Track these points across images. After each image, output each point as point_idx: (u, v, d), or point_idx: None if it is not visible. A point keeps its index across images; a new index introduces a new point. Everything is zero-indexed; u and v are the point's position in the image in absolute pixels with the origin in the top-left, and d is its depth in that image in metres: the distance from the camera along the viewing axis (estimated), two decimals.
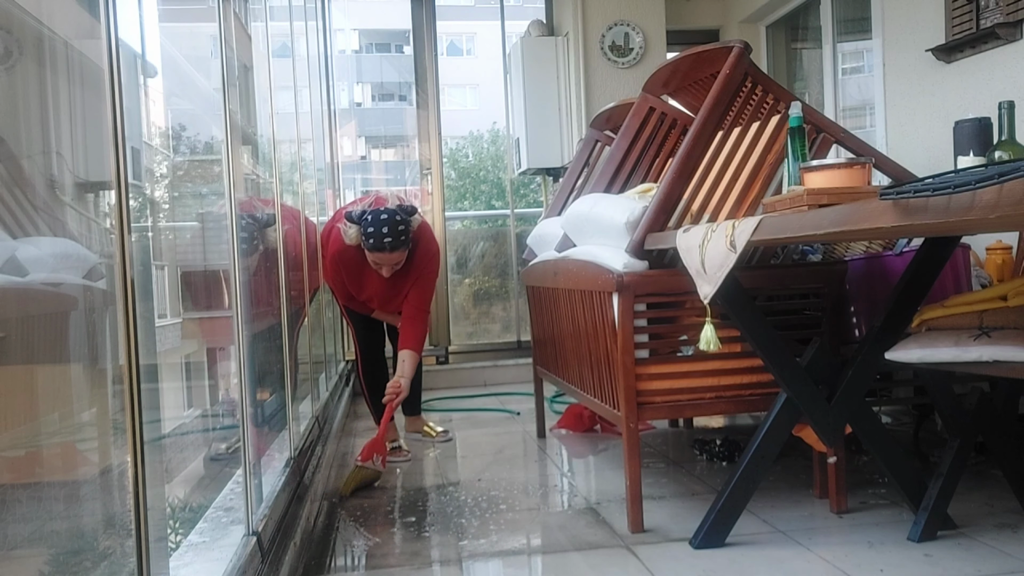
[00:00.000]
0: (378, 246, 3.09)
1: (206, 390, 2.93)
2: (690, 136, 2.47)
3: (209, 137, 2.67)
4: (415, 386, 3.75)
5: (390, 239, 3.08)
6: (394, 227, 3.09)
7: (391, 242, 3.09)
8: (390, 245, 3.09)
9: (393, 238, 3.08)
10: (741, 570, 2.09)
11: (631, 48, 5.34)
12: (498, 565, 2.23)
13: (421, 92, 5.72)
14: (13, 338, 1.17)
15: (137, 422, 1.20)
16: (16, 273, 1.27)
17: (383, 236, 3.07)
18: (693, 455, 3.23)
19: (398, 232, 3.09)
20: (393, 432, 3.55)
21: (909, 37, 3.79)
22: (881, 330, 2.24)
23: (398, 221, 3.10)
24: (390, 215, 3.09)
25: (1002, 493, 2.48)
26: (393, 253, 3.13)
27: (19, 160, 1.36)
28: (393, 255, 3.14)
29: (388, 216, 3.09)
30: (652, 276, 2.36)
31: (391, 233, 3.08)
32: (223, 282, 2.35)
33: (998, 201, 1.23)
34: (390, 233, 3.08)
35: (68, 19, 1.42)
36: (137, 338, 1.21)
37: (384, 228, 3.08)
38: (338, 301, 3.57)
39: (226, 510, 2.03)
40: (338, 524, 2.65)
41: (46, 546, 1.29)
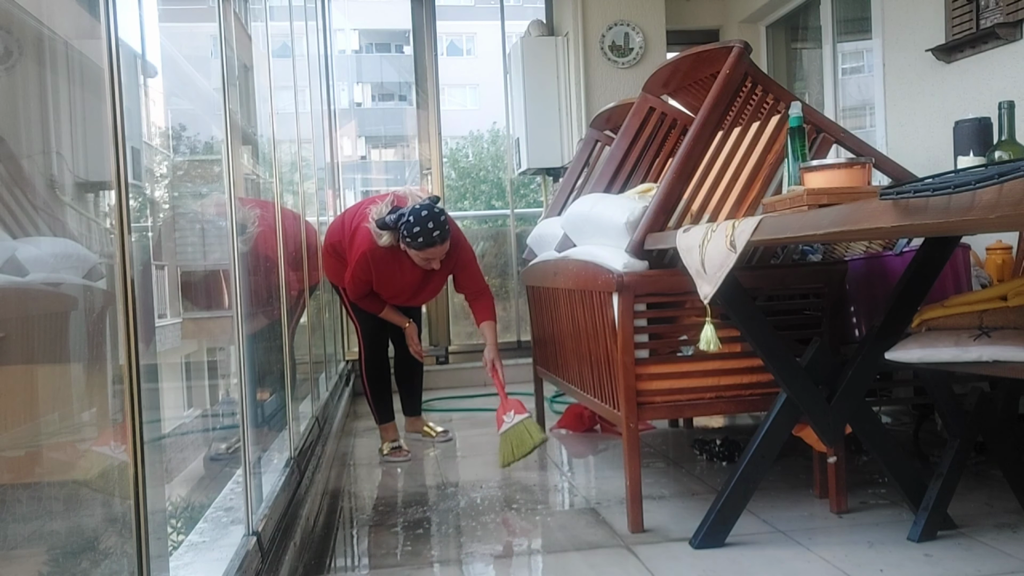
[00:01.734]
0: (430, 242, 3.10)
1: (206, 390, 2.93)
2: (690, 136, 2.47)
3: (209, 137, 2.67)
4: (416, 387, 3.80)
5: (438, 232, 3.10)
6: (437, 220, 3.11)
7: (440, 235, 3.11)
8: (440, 238, 3.12)
9: (441, 230, 3.11)
10: (741, 570, 2.09)
11: (631, 48, 5.34)
12: (498, 565, 2.23)
13: (421, 92, 5.72)
14: (13, 338, 1.17)
15: (137, 422, 1.20)
16: (16, 273, 1.27)
17: (432, 231, 3.09)
18: (693, 455, 3.23)
19: (442, 223, 3.12)
20: (393, 432, 3.55)
21: (909, 37, 3.79)
22: (881, 330, 2.24)
23: (437, 213, 3.12)
24: (428, 210, 3.11)
25: (1002, 493, 2.48)
26: (445, 244, 3.16)
27: (19, 160, 1.36)
28: (445, 246, 3.17)
29: (428, 212, 3.10)
30: (652, 276, 2.36)
31: (437, 226, 3.10)
32: (222, 282, 2.36)
33: (998, 201, 1.23)
34: (436, 226, 3.10)
35: (68, 19, 1.42)
36: (137, 338, 1.21)
37: (430, 223, 3.09)
38: (345, 299, 3.52)
39: (226, 510, 2.03)
40: (338, 524, 2.65)
41: (46, 546, 1.29)
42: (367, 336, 3.56)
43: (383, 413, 3.57)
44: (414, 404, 3.81)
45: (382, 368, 3.60)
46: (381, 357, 3.61)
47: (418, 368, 3.78)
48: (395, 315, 3.48)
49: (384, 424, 3.57)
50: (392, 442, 3.50)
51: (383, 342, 3.62)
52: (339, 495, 2.99)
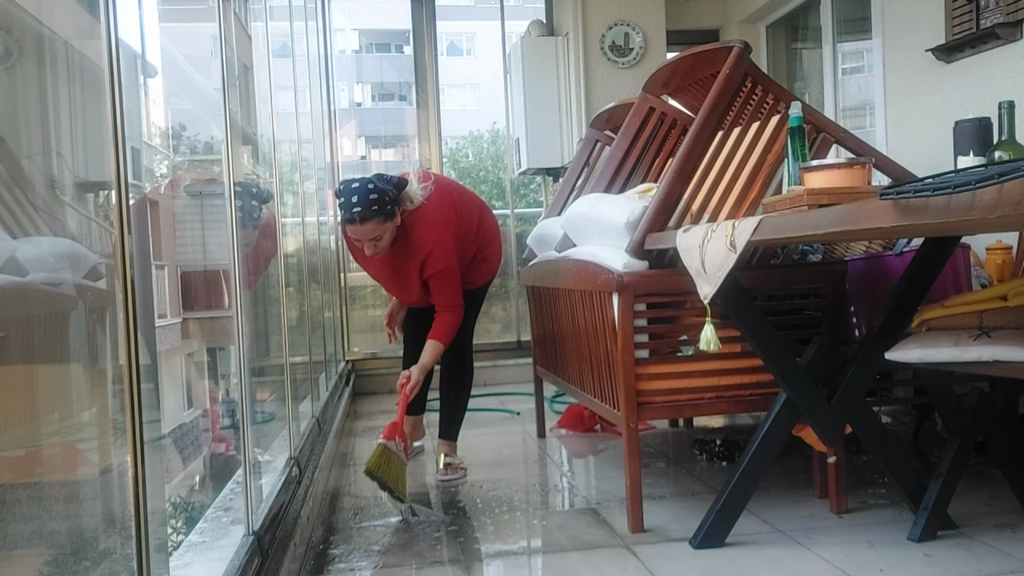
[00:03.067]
0: (347, 217, 2.73)
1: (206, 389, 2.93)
2: (690, 136, 2.47)
3: (209, 137, 2.67)
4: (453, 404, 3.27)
5: (358, 209, 2.70)
6: (364, 195, 2.71)
7: (360, 212, 2.70)
8: (359, 216, 2.70)
9: (362, 208, 2.70)
10: (741, 570, 2.09)
11: (631, 48, 5.34)
12: (498, 565, 2.23)
13: (421, 92, 5.72)
14: (13, 338, 1.17)
15: (137, 422, 1.20)
16: (16, 273, 1.27)
17: (351, 206, 2.70)
18: (693, 455, 3.23)
19: (368, 201, 2.70)
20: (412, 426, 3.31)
21: (909, 37, 3.79)
22: (881, 330, 2.24)
23: (370, 189, 2.71)
24: (362, 183, 2.73)
25: (1002, 493, 2.48)
26: (364, 225, 2.73)
27: (19, 160, 1.36)
28: (365, 227, 2.74)
29: (359, 184, 2.73)
30: (652, 276, 2.36)
31: (360, 202, 2.70)
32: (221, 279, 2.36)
33: (998, 201, 1.23)
34: (359, 202, 2.70)
35: (68, 19, 1.42)
36: (137, 338, 1.21)
37: (353, 197, 2.71)
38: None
39: (226, 510, 2.03)
40: (338, 524, 2.65)
41: (46, 546, 1.29)
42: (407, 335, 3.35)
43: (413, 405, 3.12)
44: (445, 426, 3.26)
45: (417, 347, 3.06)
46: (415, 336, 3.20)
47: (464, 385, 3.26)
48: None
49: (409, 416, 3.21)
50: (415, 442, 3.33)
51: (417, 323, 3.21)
52: (339, 495, 2.99)
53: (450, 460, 3.12)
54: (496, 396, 4.84)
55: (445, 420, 3.24)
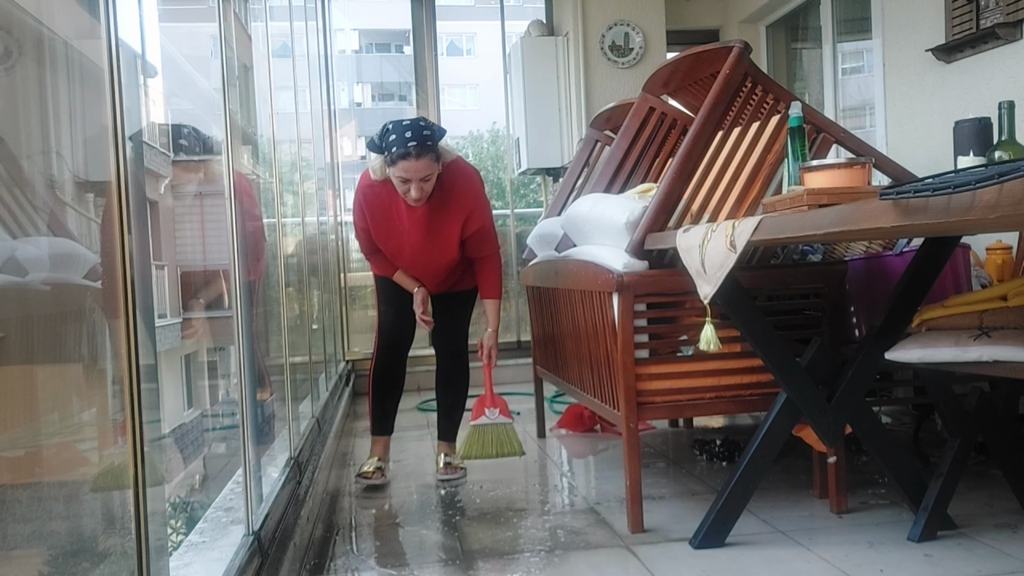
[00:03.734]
0: (401, 152, 2.63)
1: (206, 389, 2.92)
2: (690, 136, 2.47)
3: (209, 137, 2.67)
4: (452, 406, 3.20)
5: (415, 143, 2.63)
6: (418, 131, 2.66)
7: (416, 146, 2.63)
8: (415, 150, 2.63)
9: (419, 141, 2.63)
10: (741, 570, 2.09)
11: (631, 48, 5.34)
12: (498, 565, 2.23)
13: (421, 92, 5.72)
14: (13, 338, 1.17)
15: (137, 422, 1.20)
16: (16, 273, 1.27)
17: (406, 141, 2.63)
18: (693, 455, 3.23)
19: (423, 136, 2.65)
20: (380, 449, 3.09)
21: (909, 37, 3.79)
22: (881, 330, 2.24)
23: (422, 126, 2.68)
24: (413, 121, 2.69)
25: (1002, 493, 2.48)
26: (420, 160, 2.65)
27: (19, 160, 1.36)
28: (420, 163, 2.65)
29: (411, 122, 2.69)
30: (652, 276, 2.36)
31: (415, 136, 2.64)
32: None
33: (998, 201, 1.23)
34: (414, 136, 2.64)
35: (68, 19, 1.42)
36: (137, 338, 1.21)
37: (407, 132, 2.65)
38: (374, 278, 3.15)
39: (226, 510, 2.03)
40: (338, 524, 2.65)
41: (46, 546, 1.29)
42: (383, 329, 3.11)
43: (377, 422, 3.11)
44: (446, 426, 3.20)
45: (393, 371, 3.10)
46: (394, 357, 3.10)
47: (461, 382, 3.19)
48: (407, 278, 3.03)
49: (375, 436, 3.12)
50: (377, 460, 3.05)
51: (401, 340, 3.11)
52: (339, 495, 2.99)
53: (450, 460, 3.10)
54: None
55: (443, 421, 3.21)
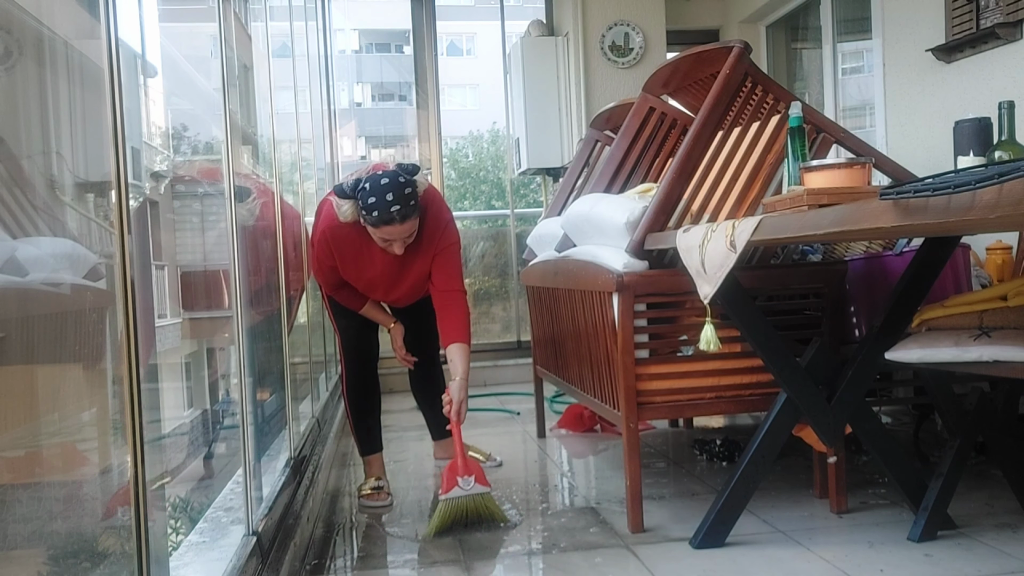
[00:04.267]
0: (385, 218, 2.48)
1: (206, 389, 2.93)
2: (690, 136, 2.47)
3: (209, 137, 2.67)
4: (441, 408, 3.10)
5: (398, 207, 2.46)
6: (399, 191, 2.47)
7: (400, 210, 2.47)
8: (400, 214, 2.48)
9: (402, 205, 2.47)
10: (741, 570, 2.09)
11: (631, 48, 5.34)
12: (498, 565, 2.23)
13: (421, 92, 5.73)
14: (13, 338, 1.17)
15: (137, 422, 1.20)
16: (16, 273, 1.27)
17: (389, 205, 2.46)
18: (693, 455, 3.23)
19: (405, 197, 2.48)
20: (377, 468, 2.95)
21: (909, 37, 3.79)
22: (881, 330, 2.24)
23: (402, 183, 2.48)
24: (391, 178, 2.48)
25: (1002, 493, 2.48)
26: (404, 223, 2.51)
27: (19, 160, 1.36)
28: (404, 226, 2.52)
29: (390, 180, 2.47)
30: (652, 276, 2.36)
31: (398, 199, 2.46)
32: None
33: (998, 201, 1.23)
34: (396, 200, 2.46)
35: (68, 19, 1.42)
36: (137, 338, 1.21)
37: (388, 195, 2.46)
38: (325, 298, 2.98)
39: (226, 510, 2.03)
40: (338, 524, 2.65)
41: (46, 546, 1.29)
42: (348, 345, 2.95)
43: (365, 442, 2.95)
44: (442, 424, 3.07)
45: (367, 386, 2.97)
46: (366, 372, 2.98)
47: (439, 380, 3.17)
48: (378, 312, 2.93)
49: (367, 456, 2.95)
50: (375, 480, 2.88)
51: (368, 353, 2.99)
52: (339, 495, 2.99)
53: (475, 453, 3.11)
54: (496, 396, 4.84)
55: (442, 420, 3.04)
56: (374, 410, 2.98)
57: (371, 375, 2.97)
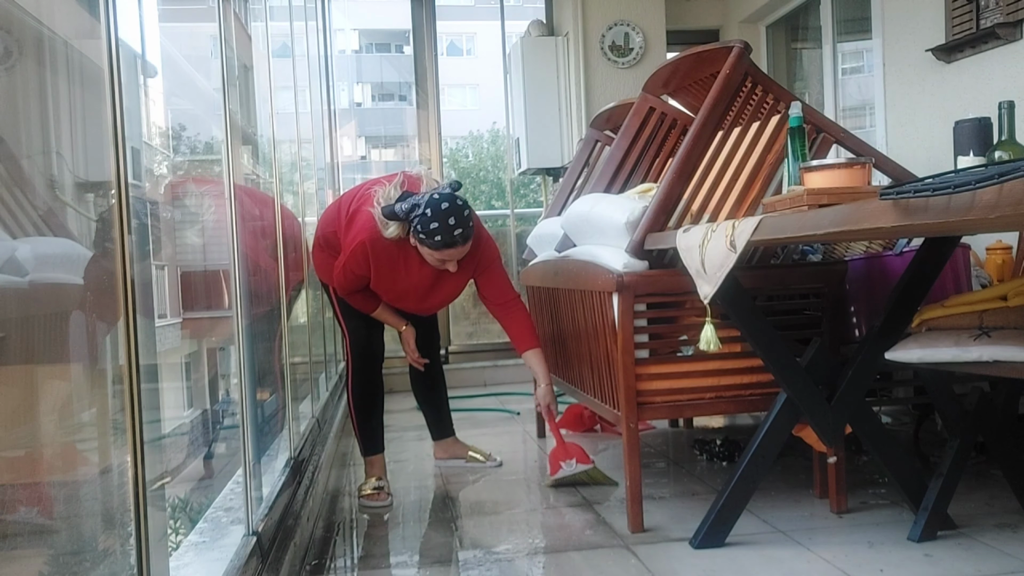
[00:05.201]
0: (448, 242, 2.53)
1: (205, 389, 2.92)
2: (690, 136, 2.47)
3: (209, 137, 2.67)
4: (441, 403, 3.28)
5: (460, 230, 2.53)
6: (459, 214, 2.52)
7: (462, 233, 2.54)
8: (463, 237, 2.55)
9: (463, 228, 2.54)
10: (741, 570, 2.09)
11: (631, 48, 5.34)
12: (498, 565, 2.23)
13: (421, 92, 5.72)
14: (13, 338, 1.17)
15: (137, 422, 1.20)
16: (16, 273, 1.27)
17: (452, 229, 2.51)
18: (693, 455, 3.23)
19: (465, 219, 2.54)
20: (379, 468, 2.95)
21: (909, 37, 3.79)
22: (881, 330, 2.24)
23: (461, 206, 2.54)
24: (451, 202, 2.52)
25: (1002, 493, 2.48)
26: (466, 245, 2.60)
27: (19, 160, 1.36)
28: (466, 247, 2.62)
29: (450, 204, 2.51)
30: (652, 276, 2.36)
31: (460, 223, 2.52)
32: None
33: (998, 201, 1.23)
34: (459, 223, 2.52)
35: (68, 19, 1.42)
36: (137, 338, 1.21)
37: (451, 219, 2.51)
38: (334, 299, 2.95)
39: (226, 510, 2.03)
40: (338, 524, 2.65)
41: (46, 546, 1.29)
42: (356, 345, 2.95)
43: (368, 443, 2.96)
44: (443, 424, 3.24)
45: (373, 386, 2.98)
46: (372, 372, 2.98)
47: (440, 380, 3.25)
48: (390, 316, 2.92)
49: (369, 456, 2.96)
50: (376, 480, 2.88)
51: (375, 354, 2.99)
52: (339, 495, 2.99)
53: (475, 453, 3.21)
54: (496, 396, 4.84)
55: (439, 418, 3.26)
56: (378, 411, 3.00)
57: (376, 376, 2.98)
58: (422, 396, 3.29)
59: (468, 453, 3.20)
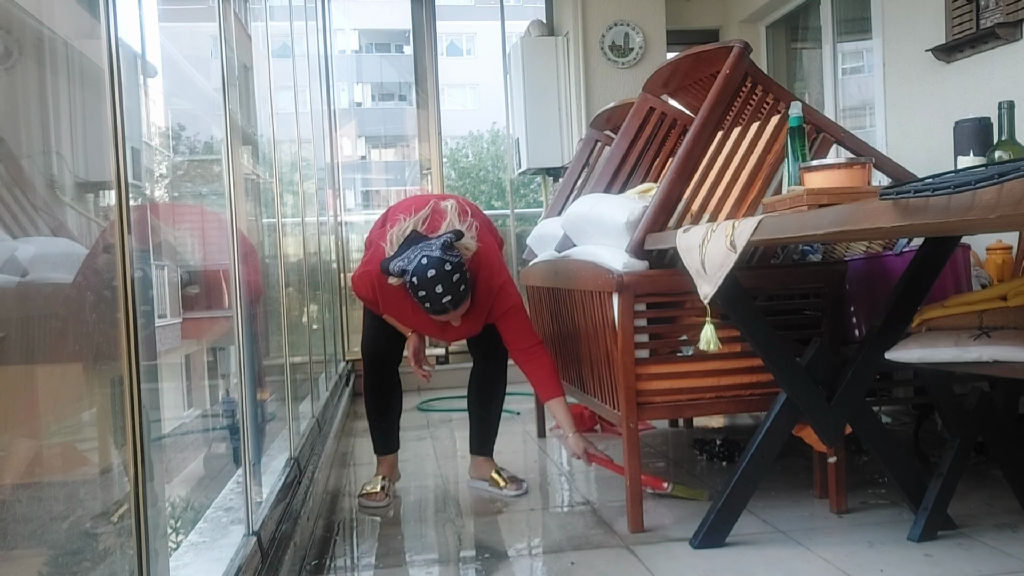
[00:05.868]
0: (437, 310, 2.45)
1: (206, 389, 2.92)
2: (690, 136, 2.47)
3: (209, 137, 2.67)
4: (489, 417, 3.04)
5: (449, 297, 2.41)
6: (447, 280, 2.40)
7: (452, 300, 2.42)
8: (452, 303, 2.43)
9: (453, 295, 2.42)
10: (741, 570, 2.09)
11: (631, 48, 5.34)
12: (498, 565, 2.23)
13: (421, 92, 5.72)
14: (13, 338, 1.17)
15: (137, 422, 1.20)
16: (16, 273, 1.27)
17: (440, 297, 2.40)
18: (693, 455, 3.23)
19: (454, 284, 2.41)
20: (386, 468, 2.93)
21: (909, 37, 3.79)
22: (881, 330, 2.24)
23: (449, 271, 2.40)
24: (437, 268, 2.38)
25: (1002, 493, 2.48)
26: (459, 309, 2.49)
27: (19, 160, 1.36)
28: (460, 310, 2.51)
29: (436, 272, 2.38)
30: (652, 276, 2.36)
31: (447, 290, 2.40)
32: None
33: (998, 201, 1.23)
34: (447, 291, 2.40)
35: (68, 19, 1.42)
36: (137, 338, 1.21)
37: (438, 287, 2.39)
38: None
39: (226, 510, 2.03)
40: (338, 524, 2.65)
41: (46, 546, 1.29)
42: (365, 343, 2.90)
43: (378, 442, 2.94)
44: (482, 440, 3.02)
45: (383, 386, 2.92)
46: (382, 372, 2.90)
47: (493, 393, 3.04)
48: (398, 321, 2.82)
49: (378, 456, 2.94)
50: (381, 479, 2.85)
51: (385, 355, 2.89)
52: (339, 495, 2.99)
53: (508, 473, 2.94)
54: None
55: (476, 434, 3.04)
56: (390, 410, 2.93)
57: (386, 376, 2.91)
58: (471, 404, 3.09)
59: (491, 474, 2.94)
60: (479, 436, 3.02)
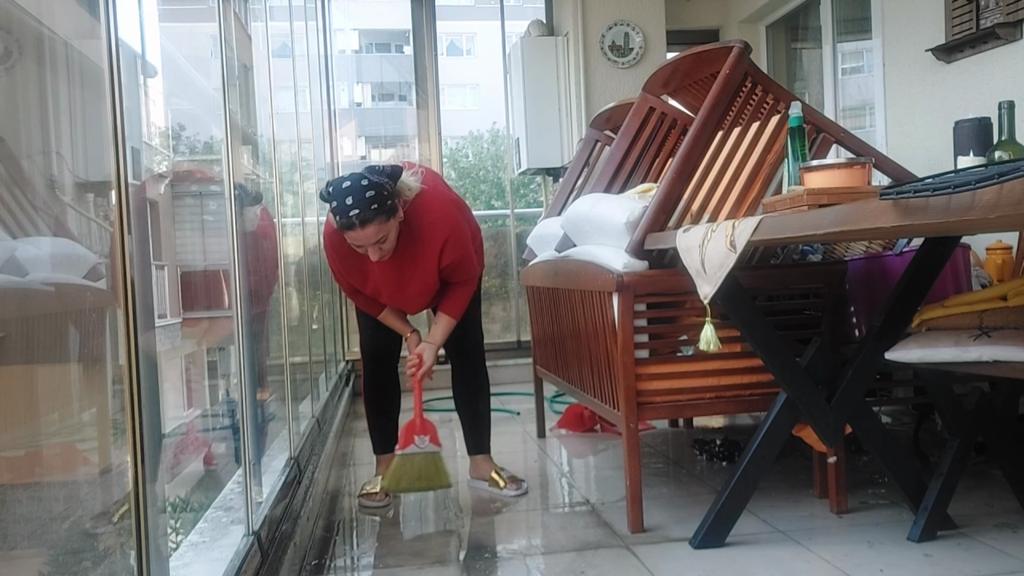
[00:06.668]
0: (346, 223, 2.38)
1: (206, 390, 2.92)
2: (690, 136, 2.47)
3: (209, 137, 2.67)
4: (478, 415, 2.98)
5: (357, 211, 2.35)
6: (359, 194, 2.35)
7: (359, 214, 2.35)
8: (359, 219, 2.35)
9: (361, 209, 2.35)
10: (741, 570, 2.09)
11: (631, 48, 5.34)
12: (498, 565, 2.23)
13: (421, 92, 5.72)
14: (13, 338, 1.17)
15: (137, 422, 1.20)
16: (16, 273, 1.27)
17: (348, 209, 2.35)
18: (693, 455, 3.23)
19: (366, 200, 2.35)
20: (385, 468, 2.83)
21: (909, 37, 3.79)
22: (881, 330, 2.24)
23: (365, 186, 2.36)
24: (353, 180, 2.38)
25: (1002, 493, 2.48)
26: (366, 229, 2.38)
27: (19, 160, 1.36)
28: (367, 231, 2.39)
29: (351, 183, 2.37)
30: (652, 276, 2.36)
31: (357, 203, 2.34)
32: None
33: (998, 201, 1.23)
34: (356, 204, 2.34)
35: (68, 19, 1.42)
36: (137, 338, 1.21)
37: (348, 199, 2.35)
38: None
39: (226, 510, 2.03)
40: (338, 524, 2.65)
41: (46, 546, 1.29)
42: (363, 344, 2.92)
43: (378, 441, 2.94)
44: (476, 439, 2.98)
45: (381, 386, 2.91)
46: (380, 372, 2.91)
47: (477, 388, 3.00)
48: (396, 321, 2.81)
49: (377, 455, 2.94)
50: (380, 479, 2.82)
51: (382, 355, 2.90)
52: (339, 495, 2.99)
53: (508, 473, 2.91)
54: (496, 396, 4.83)
55: (469, 435, 3.00)
56: (389, 410, 2.93)
57: (384, 376, 2.91)
58: (456, 405, 3.04)
59: (491, 474, 2.90)
60: (471, 435, 3.00)
